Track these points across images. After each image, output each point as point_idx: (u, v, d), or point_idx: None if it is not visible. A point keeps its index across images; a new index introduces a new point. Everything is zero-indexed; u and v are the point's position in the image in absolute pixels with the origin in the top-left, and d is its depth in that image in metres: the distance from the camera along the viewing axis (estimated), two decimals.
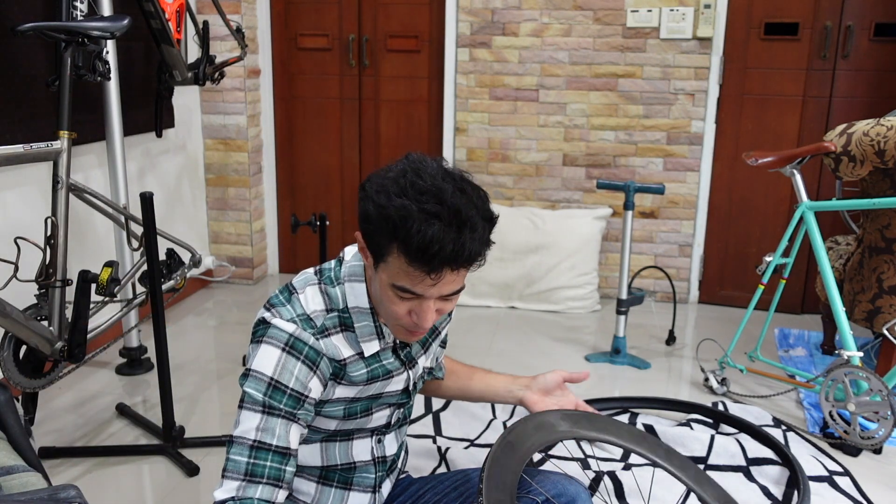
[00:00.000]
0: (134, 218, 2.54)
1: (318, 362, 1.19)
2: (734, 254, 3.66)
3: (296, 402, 1.17)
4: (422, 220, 1.05)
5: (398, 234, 1.07)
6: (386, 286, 1.14)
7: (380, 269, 1.15)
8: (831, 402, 2.32)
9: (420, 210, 1.06)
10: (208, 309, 3.57)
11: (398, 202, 1.06)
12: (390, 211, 1.07)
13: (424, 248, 1.05)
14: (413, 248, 1.06)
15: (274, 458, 1.16)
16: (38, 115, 2.55)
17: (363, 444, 1.34)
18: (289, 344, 1.17)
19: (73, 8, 2.33)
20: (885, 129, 2.31)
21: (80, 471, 2.18)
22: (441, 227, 1.05)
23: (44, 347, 2.09)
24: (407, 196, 1.07)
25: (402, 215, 1.06)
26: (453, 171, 1.13)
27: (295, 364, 1.16)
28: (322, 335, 1.20)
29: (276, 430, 1.16)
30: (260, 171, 3.92)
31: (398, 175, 1.10)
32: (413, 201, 1.06)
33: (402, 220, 1.06)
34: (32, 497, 1.09)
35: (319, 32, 3.79)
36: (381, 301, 1.19)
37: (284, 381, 1.16)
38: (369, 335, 1.24)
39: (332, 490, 1.34)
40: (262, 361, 1.16)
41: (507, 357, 2.98)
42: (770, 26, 3.38)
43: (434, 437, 2.34)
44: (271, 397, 1.15)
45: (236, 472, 1.15)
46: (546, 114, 3.63)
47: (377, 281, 1.17)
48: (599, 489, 2.03)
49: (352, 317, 1.23)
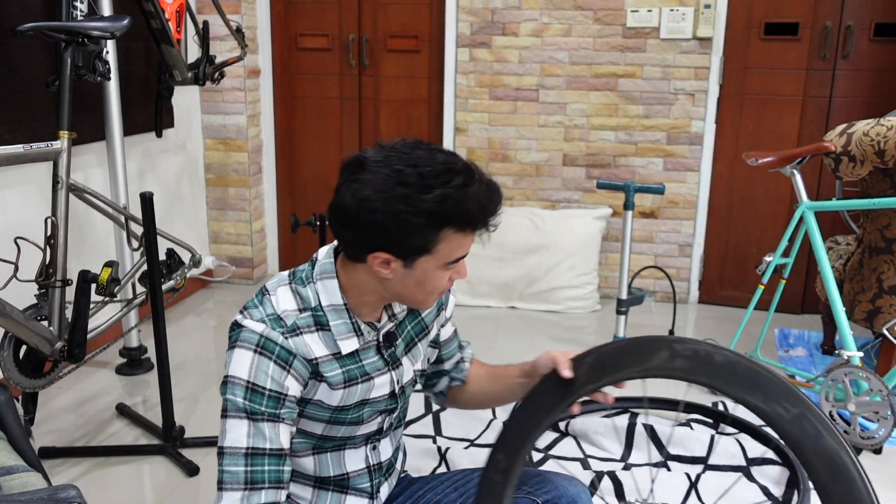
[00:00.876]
0: (134, 218, 2.54)
1: (291, 361, 1.17)
2: (734, 254, 3.66)
3: (276, 403, 1.16)
4: (461, 194, 1.09)
5: (448, 218, 1.10)
6: (434, 270, 1.16)
7: (419, 264, 1.15)
8: (831, 402, 2.32)
9: (453, 189, 1.09)
10: (208, 309, 3.57)
11: (430, 196, 1.08)
12: (430, 206, 1.08)
13: (477, 213, 1.12)
14: (468, 219, 1.11)
15: (271, 461, 1.15)
16: (38, 115, 2.55)
17: (356, 453, 1.32)
18: (259, 345, 1.15)
19: (73, 8, 2.33)
20: (885, 129, 2.31)
21: (80, 471, 2.18)
22: (475, 189, 1.11)
23: (44, 347, 2.09)
24: (430, 186, 1.08)
25: (442, 201, 1.08)
26: (410, 141, 1.15)
27: (268, 364, 1.15)
28: (292, 334, 1.18)
29: (266, 432, 1.14)
30: (260, 171, 3.92)
31: (396, 180, 1.09)
32: (440, 186, 1.08)
33: (449, 204, 1.09)
34: (32, 497, 1.09)
35: (319, 32, 3.80)
36: (422, 288, 1.18)
37: (261, 382, 1.14)
38: (346, 333, 1.22)
39: (329, 494, 1.33)
40: (236, 366, 1.15)
41: (507, 357, 2.98)
42: (770, 26, 3.38)
43: (434, 437, 2.34)
44: (251, 401, 1.14)
45: (235, 483, 1.13)
46: (546, 114, 3.63)
47: (412, 275, 1.16)
48: (599, 489, 2.03)
49: (326, 315, 1.21)
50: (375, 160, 1.11)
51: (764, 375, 1.04)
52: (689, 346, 1.09)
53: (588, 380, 1.16)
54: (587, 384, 1.15)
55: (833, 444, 0.98)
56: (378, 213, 1.09)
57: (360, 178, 1.10)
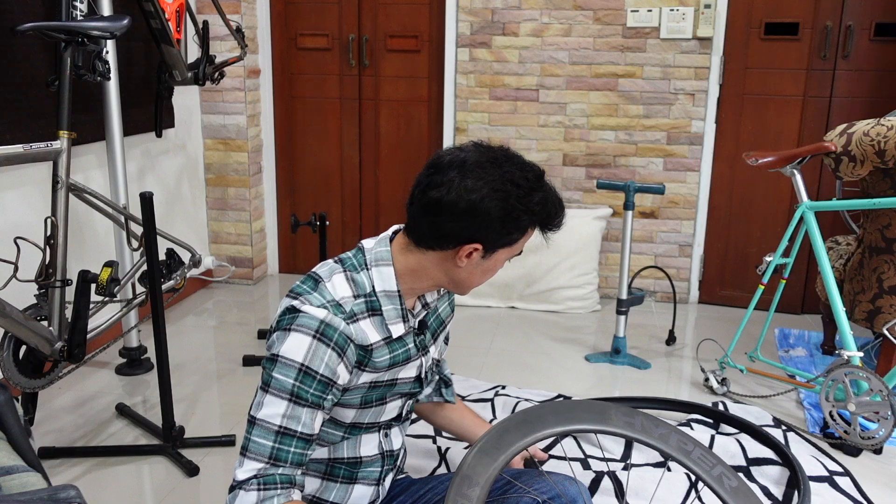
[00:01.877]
0: (134, 218, 2.54)
1: (346, 349, 1.21)
2: (734, 254, 3.66)
3: (325, 388, 1.20)
4: (551, 198, 1.26)
5: (542, 218, 1.26)
6: (503, 261, 1.30)
7: (498, 254, 1.27)
8: (831, 402, 2.32)
9: (545, 192, 1.25)
10: (208, 309, 3.57)
11: (536, 197, 1.23)
12: (534, 206, 1.23)
13: (556, 215, 1.28)
14: (551, 220, 1.28)
15: (298, 444, 1.20)
16: (38, 115, 2.54)
17: (371, 438, 1.36)
18: (319, 331, 1.19)
19: (73, 8, 2.33)
20: (886, 129, 2.31)
21: (80, 471, 2.18)
22: (553, 195, 1.28)
23: (44, 347, 2.09)
24: (535, 189, 1.24)
25: (543, 203, 1.25)
26: (497, 146, 1.29)
27: (325, 351, 1.19)
28: (351, 320, 1.22)
29: (303, 417, 1.19)
30: (260, 171, 3.92)
31: (511, 181, 1.22)
32: (540, 190, 1.24)
33: (547, 206, 1.26)
34: (32, 497, 1.09)
35: (319, 32, 3.79)
36: (487, 274, 1.30)
37: (315, 366, 1.18)
38: (396, 318, 1.28)
39: (337, 485, 1.36)
40: (291, 348, 1.18)
41: (507, 357, 2.98)
42: (770, 26, 3.38)
43: (434, 438, 2.34)
44: (302, 382, 1.18)
45: (260, 455, 1.18)
46: (546, 114, 3.63)
47: (486, 264, 1.28)
48: (599, 489, 2.02)
49: (379, 300, 1.26)
50: (479, 161, 1.22)
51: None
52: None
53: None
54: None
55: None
56: (495, 209, 1.20)
57: (466, 175, 1.21)
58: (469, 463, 1.17)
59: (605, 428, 1.32)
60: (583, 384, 2.80)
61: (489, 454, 1.19)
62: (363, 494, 1.38)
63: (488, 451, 1.20)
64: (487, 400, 2.57)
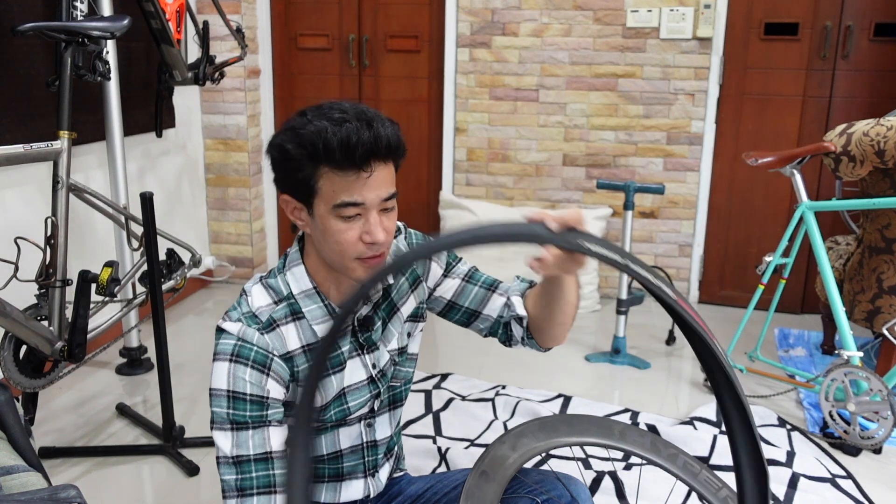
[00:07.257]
0: (134, 218, 2.54)
1: (269, 364, 1.18)
2: (734, 254, 3.66)
3: (259, 407, 1.16)
4: (335, 128, 1.10)
5: (320, 151, 1.10)
6: (328, 216, 1.14)
7: (316, 207, 1.15)
8: (831, 402, 2.32)
9: (330, 121, 1.10)
10: (208, 309, 3.57)
11: (310, 128, 1.11)
12: (305, 138, 1.11)
13: (346, 145, 1.09)
14: (338, 152, 1.10)
15: (258, 466, 1.16)
16: (38, 115, 2.55)
17: (350, 430, 1.32)
18: (234, 353, 1.17)
19: (73, 8, 2.33)
20: (885, 129, 2.31)
21: (80, 471, 2.18)
22: (353, 125, 1.10)
23: (44, 347, 2.09)
24: (314, 120, 1.11)
25: (316, 132, 1.10)
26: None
27: (244, 370, 1.16)
28: (267, 329, 1.19)
29: (250, 441, 1.16)
30: (260, 171, 3.92)
31: (295, 118, 1.15)
32: (322, 120, 1.11)
33: (319, 136, 1.10)
34: (32, 497, 1.09)
35: (319, 32, 3.80)
36: (329, 243, 1.16)
37: (240, 388, 1.16)
38: (322, 317, 1.23)
39: (324, 485, 1.34)
40: (216, 378, 1.17)
41: (507, 357, 2.98)
42: (770, 26, 3.38)
43: (434, 437, 2.34)
44: (234, 408, 1.15)
45: (230, 492, 1.17)
46: (546, 114, 3.63)
47: (317, 225, 1.16)
48: (600, 489, 2.03)
49: (298, 302, 1.22)
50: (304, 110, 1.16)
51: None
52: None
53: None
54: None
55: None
56: (271, 147, 1.16)
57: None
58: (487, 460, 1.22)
59: (618, 444, 1.38)
60: (583, 384, 2.79)
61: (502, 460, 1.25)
62: (356, 490, 1.35)
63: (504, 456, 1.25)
64: (488, 400, 2.57)
